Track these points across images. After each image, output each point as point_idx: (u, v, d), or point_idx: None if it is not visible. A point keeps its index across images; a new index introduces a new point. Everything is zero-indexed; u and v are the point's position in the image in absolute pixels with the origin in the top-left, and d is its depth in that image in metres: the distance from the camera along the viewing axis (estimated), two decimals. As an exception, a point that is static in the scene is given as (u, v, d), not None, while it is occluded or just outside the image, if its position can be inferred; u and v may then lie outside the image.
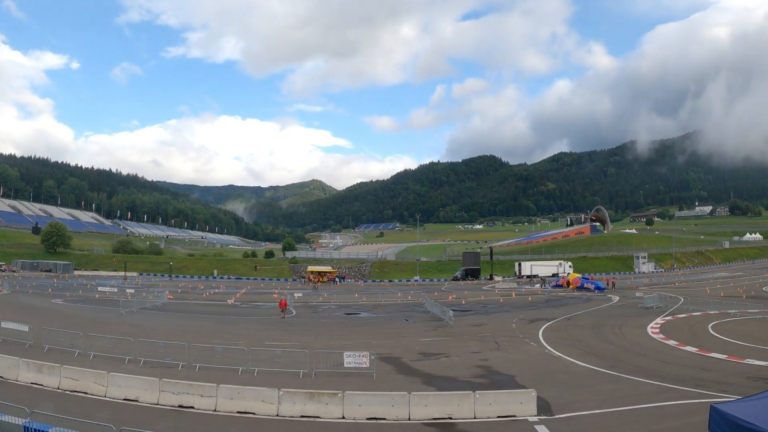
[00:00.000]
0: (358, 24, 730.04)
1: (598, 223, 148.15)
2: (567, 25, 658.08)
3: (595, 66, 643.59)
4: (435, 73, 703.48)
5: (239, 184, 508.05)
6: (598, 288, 56.57)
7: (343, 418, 13.75)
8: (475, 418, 13.62)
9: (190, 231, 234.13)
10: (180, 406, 14.55)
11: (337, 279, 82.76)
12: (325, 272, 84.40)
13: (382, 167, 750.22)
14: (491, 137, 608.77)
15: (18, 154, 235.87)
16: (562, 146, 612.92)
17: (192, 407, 14.46)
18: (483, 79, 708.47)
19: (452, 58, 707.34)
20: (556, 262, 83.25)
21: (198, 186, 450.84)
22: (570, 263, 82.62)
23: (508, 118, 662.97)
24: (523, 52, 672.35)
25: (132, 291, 53.56)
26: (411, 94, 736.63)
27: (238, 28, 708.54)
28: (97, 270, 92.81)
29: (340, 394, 14.07)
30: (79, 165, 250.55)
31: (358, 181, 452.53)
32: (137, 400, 15.01)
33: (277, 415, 13.96)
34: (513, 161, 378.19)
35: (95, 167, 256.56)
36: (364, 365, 18.07)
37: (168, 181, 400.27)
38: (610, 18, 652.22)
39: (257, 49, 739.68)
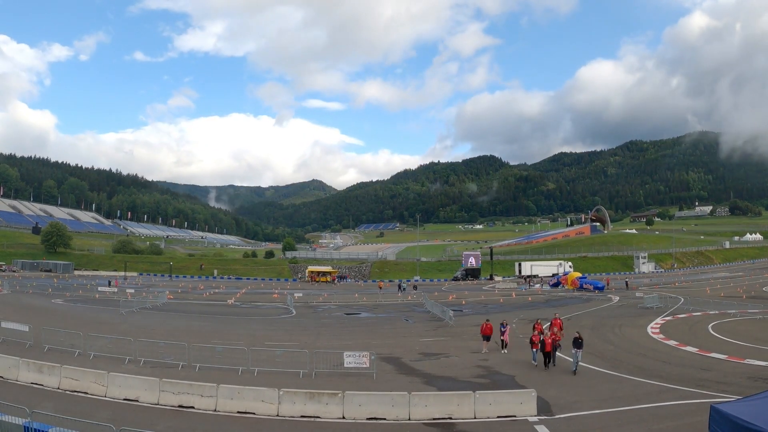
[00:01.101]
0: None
1: (598, 223, 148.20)
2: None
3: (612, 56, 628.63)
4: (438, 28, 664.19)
5: (239, 184, 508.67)
6: (597, 288, 56.57)
7: (343, 418, 13.75)
8: (475, 418, 13.61)
9: (190, 231, 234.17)
10: (180, 406, 14.54)
11: (336, 279, 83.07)
12: (325, 272, 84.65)
13: (382, 164, 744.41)
14: (496, 121, 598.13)
15: (18, 154, 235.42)
16: (567, 137, 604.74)
17: (192, 407, 14.46)
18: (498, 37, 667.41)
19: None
20: (557, 262, 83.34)
21: (198, 186, 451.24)
22: (570, 263, 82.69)
23: (515, 100, 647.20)
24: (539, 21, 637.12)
25: (132, 291, 53.60)
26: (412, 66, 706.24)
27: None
28: (97, 270, 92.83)
29: (340, 394, 14.06)
30: (79, 165, 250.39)
31: (359, 180, 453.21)
32: (137, 400, 15.01)
33: (277, 415, 13.96)
34: (516, 150, 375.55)
35: (95, 167, 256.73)
36: (365, 365, 18.07)
37: (168, 180, 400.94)
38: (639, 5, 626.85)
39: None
